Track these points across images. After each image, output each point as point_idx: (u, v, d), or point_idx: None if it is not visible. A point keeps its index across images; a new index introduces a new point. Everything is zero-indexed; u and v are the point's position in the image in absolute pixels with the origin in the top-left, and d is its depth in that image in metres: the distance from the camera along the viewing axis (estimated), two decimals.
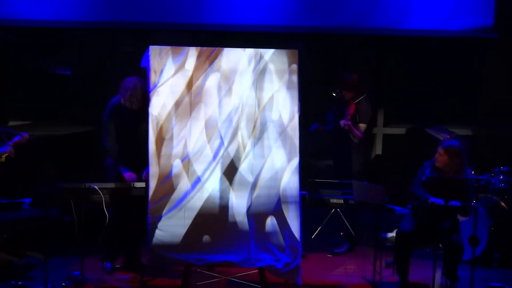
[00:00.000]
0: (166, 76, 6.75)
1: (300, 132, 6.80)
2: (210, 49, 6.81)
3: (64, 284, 6.75)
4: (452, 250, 6.70)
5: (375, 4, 9.03)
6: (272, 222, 6.80)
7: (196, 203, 6.76)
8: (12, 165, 6.94)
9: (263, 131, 6.80)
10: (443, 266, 6.82)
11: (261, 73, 6.80)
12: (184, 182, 6.76)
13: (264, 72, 6.80)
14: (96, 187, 6.68)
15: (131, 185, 6.86)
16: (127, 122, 6.98)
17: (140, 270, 7.01)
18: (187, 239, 6.74)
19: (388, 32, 9.13)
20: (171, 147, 6.76)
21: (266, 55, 6.79)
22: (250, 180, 6.78)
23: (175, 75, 6.76)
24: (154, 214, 6.73)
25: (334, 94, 7.84)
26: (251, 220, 6.79)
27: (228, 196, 6.77)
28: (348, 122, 7.65)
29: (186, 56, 6.76)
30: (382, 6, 9.06)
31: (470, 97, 9.65)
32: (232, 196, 6.78)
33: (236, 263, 6.81)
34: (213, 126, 6.78)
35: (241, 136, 6.79)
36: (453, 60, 9.50)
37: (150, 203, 6.72)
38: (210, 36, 9.15)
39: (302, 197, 6.89)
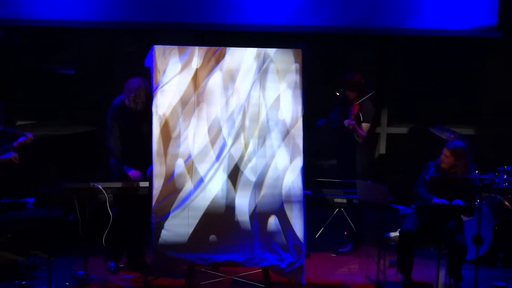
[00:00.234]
0: (170, 76, 6.74)
1: (304, 132, 6.79)
2: (214, 48, 6.79)
3: (68, 283, 6.75)
4: (456, 250, 6.69)
5: (378, 3, 9.03)
6: (276, 221, 6.79)
7: (200, 203, 6.74)
8: (16, 165, 6.95)
9: (266, 131, 6.79)
10: (446, 265, 6.81)
11: (264, 72, 6.78)
12: (187, 182, 6.74)
13: (268, 72, 6.79)
14: (100, 186, 6.69)
15: (136, 184, 6.86)
16: (131, 122, 6.98)
17: (144, 270, 7.00)
18: (193, 238, 6.73)
19: (392, 31, 9.12)
20: (177, 146, 6.75)
21: (270, 54, 6.78)
22: (253, 180, 6.77)
23: (179, 74, 6.75)
24: (158, 213, 6.72)
25: (338, 94, 7.87)
26: (255, 219, 6.78)
27: (232, 196, 6.76)
28: (352, 122, 7.66)
29: (190, 55, 6.75)
30: (385, 6, 9.05)
31: (473, 97, 9.65)
32: (235, 196, 6.77)
33: (239, 262, 6.79)
34: (216, 126, 6.77)
35: (244, 136, 6.79)
36: (456, 60, 9.49)
37: (154, 203, 6.71)
38: (213, 35, 9.14)
39: (305, 196, 6.89)
